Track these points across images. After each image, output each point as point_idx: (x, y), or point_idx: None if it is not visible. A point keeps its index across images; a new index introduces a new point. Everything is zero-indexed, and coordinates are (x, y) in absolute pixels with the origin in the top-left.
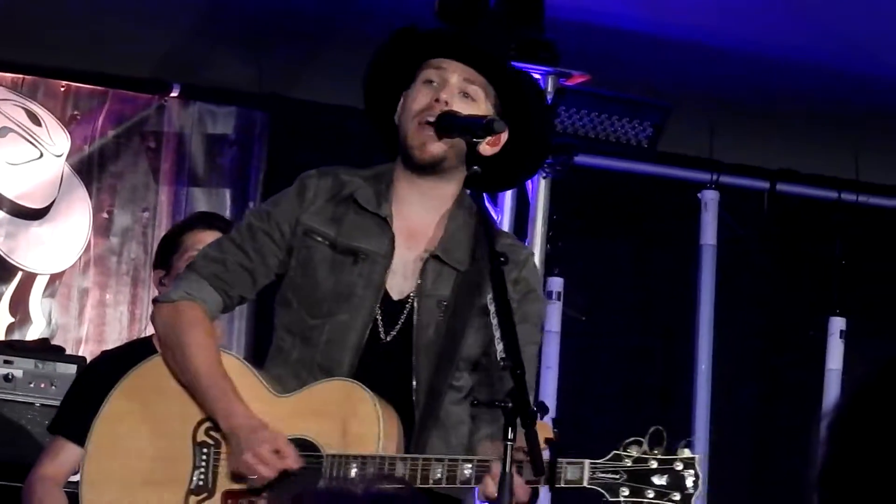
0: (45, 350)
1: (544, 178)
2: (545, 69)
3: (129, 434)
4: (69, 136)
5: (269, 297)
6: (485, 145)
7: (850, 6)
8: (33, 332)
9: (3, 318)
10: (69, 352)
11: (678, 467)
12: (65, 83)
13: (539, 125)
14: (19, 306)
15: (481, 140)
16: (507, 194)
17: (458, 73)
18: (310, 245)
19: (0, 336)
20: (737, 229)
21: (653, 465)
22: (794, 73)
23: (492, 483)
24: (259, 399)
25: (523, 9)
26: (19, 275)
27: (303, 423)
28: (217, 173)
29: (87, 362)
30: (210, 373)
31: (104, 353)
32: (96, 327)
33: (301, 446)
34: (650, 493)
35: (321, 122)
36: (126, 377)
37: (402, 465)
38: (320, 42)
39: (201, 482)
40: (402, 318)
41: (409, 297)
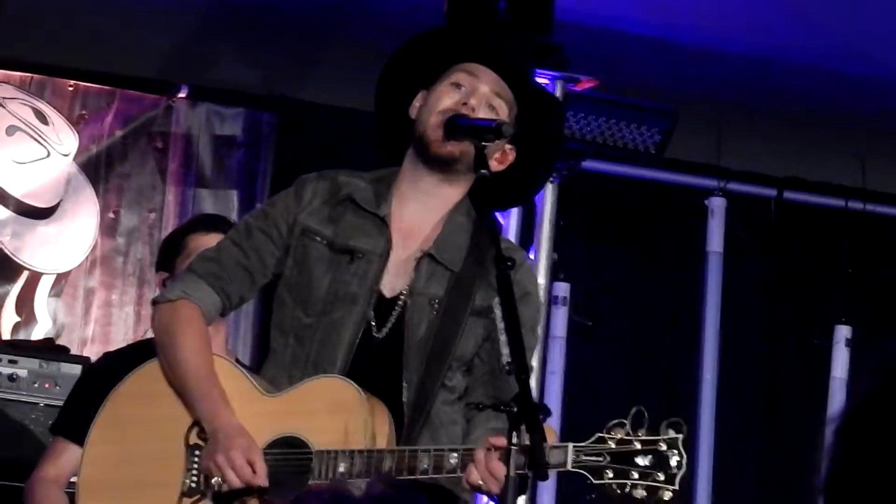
0: (50, 350)
1: (551, 182)
2: (553, 74)
3: (126, 438)
4: (77, 136)
5: (273, 299)
6: (493, 161)
7: (858, 13)
8: (39, 332)
9: (9, 318)
10: (74, 352)
11: (662, 448)
12: (73, 83)
13: (552, 148)
14: (25, 306)
15: (490, 144)
16: None
17: (489, 82)
18: (307, 244)
19: (6, 335)
20: (744, 236)
21: (636, 446)
22: (802, 79)
23: (475, 470)
24: (248, 400)
25: (532, 13)
26: (25, 274)
27: (291, 421)
28: (224, 174)
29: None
30: (198, 374)
31: (106, 355)
32: (102, 327)
33: (290, 443)
34: (634, 474)
35: (329, 124)
36: (124, 381)
37: (389, 457)
38: (328, 44)
39: (194, 484)
40: (394, 315)
41: (401, 294)
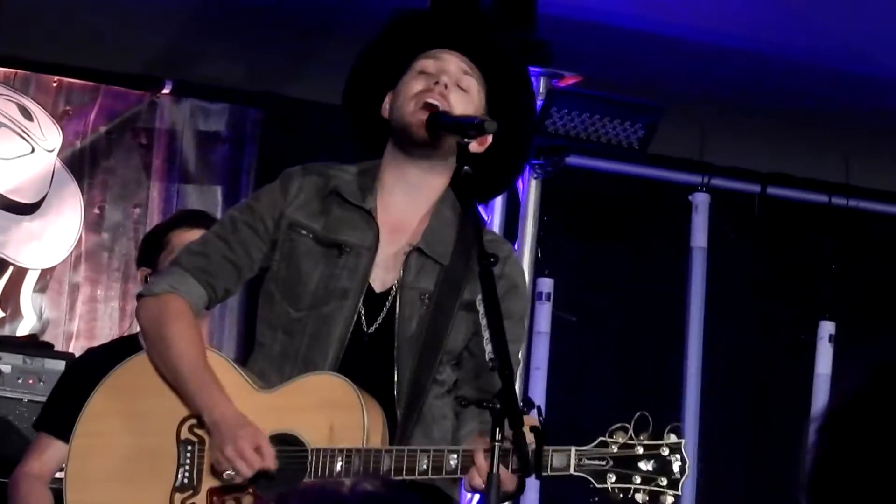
0: (34, 346)
1: (535, 178)
2: (537, 70)
3: (113, 432)
4: (61, 132)
5: (259, 293)
6: (473, 143)
7: (842, 9)
8: (24, 327)
9: None
10: (60, 347)
11: (664, 452)
12: (57, 78)
13: (527, 123)
14: (10, 301)
15: (472, 140)
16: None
17: (455, 62)
18: (294, 238)
19: None
20: (728, 232)
21: (639, 450)
22: (785, 75)
23: (477, 474)
24: (242, 395)
25: (516, 8)
26: (10, 269)
27: (287, 418)
28: (209, 170)
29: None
30: (193, 366)
31: (90, 350)
32: (87, 323)
33: (286, 441)
34: (637, 479)
35: (314, 120)
36: (110, 375)
37: (387, 457)
38: (313, 40)
39: (186, 479)
40: (385, 310)
41: (391, 289)
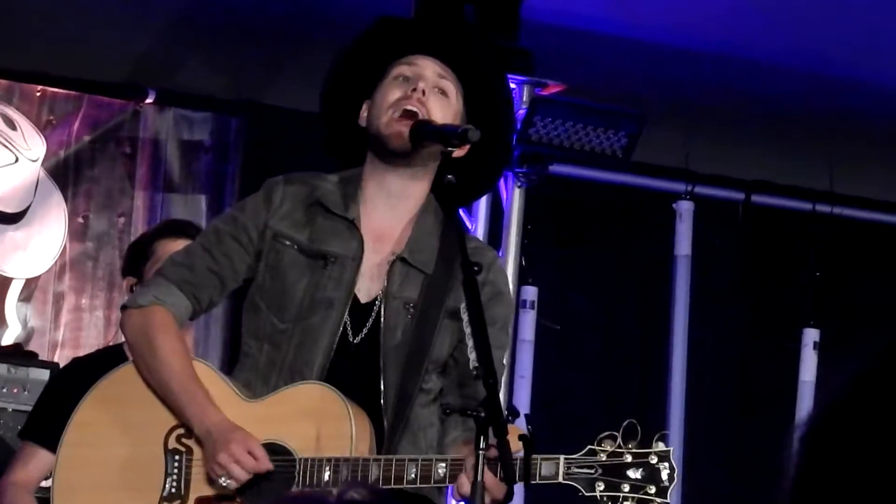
0: (18, 355)
1: (519, 187)
2: (521, 78)
3: (101, 442)
4: (44, 141)
5: (244, 304)
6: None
7: (826, 16)
8: (8, 337)
9: None
10: (45, 356)
11: (653, 461)
12: (40, 88)
13: (506, 125)
14: None
15: (455, 149)
16: (482, 203)
17: (430, 67)
18: (279, 249)
19: None
20: (712, 240)
21: (627, 458)
22: (769, 83)
23: (466, 482)
24: (230, 404)
25: (499, 17)
26: None
27: (275, 428)
28: (193, 179)
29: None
30: (182, 376)
31: (76, 360)
32: (72, 332)
33: (273, 451)
34: (626, 487)
35: (297, 129)
36: (96, 385)
37: (375, 466)
38: (296, 49)
39: (174, 489)
40: (370, 320)
41: (376, 299)
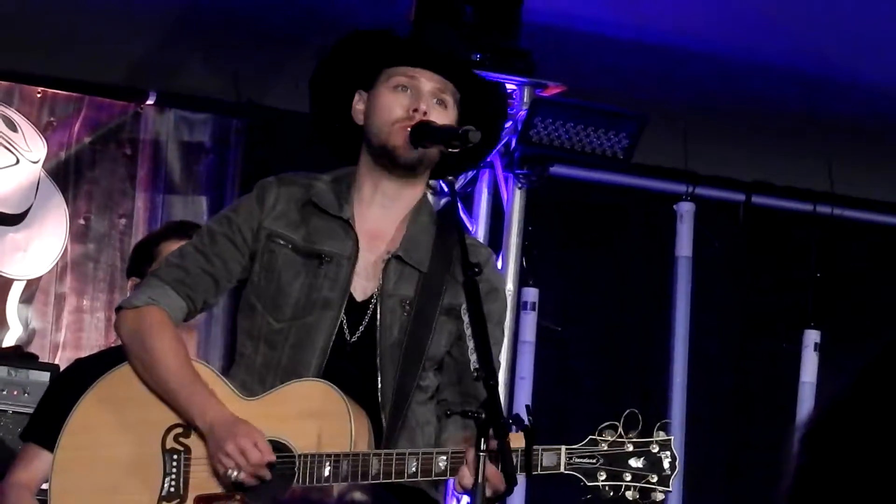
0: (19, 357)
1: (519, 188)
2: (521, 79)
3: (97, 444)
4: (45, 143)
5: (239, 304)
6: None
7: (826, 18)
8: (10, 338)
9: None
10: (46, 357)
11: (654, 449)
12: (41, 89)
13: (496, 129)
14: None
15: (456, 150)
16: (482, 204)
17: (429, 81)
18: (273, 249)
19: None
20: (712, 241)
21: (629, 448)
22: (770, 84)
23: (468, 474)
24: (230, 403)
25: (499, 18)
26: None
27: (274, 425)
28: (193, 181)
29: (61, 370)
30: (181, 374)
31: (78, 361)
32: (73, 333)
33: (274, 448)
34: (627, 476)
35: (297, 130)
36: (91, 388)
37: (376, 460)
38: (296, 50)
39: (173, 489)
40: (366, 319)
41: (372, 297)
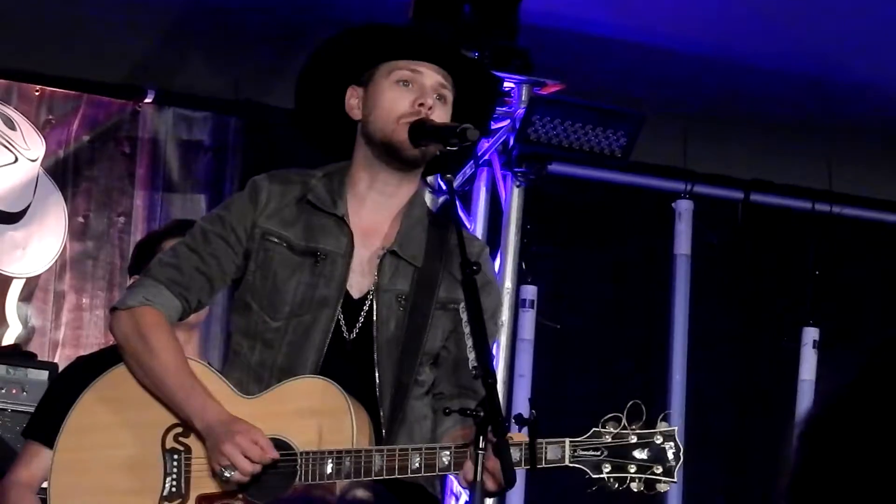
0: (17, 355)
1: (518, 186)
2: (519, 78)
3: (96, 445)
4: (44, 141)
5: (233, 303)
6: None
7: (824, 17)
8: (9, 336)
9: None
10: (46, 355)
11: (658, 440)
12: (39, 87)
13: (488, 118)
14: None
15: (454, 148)
16: (481, 203)
17: (432, 75)
18: (268, 248)
19: None
20: (711, 239)
21: (633, 439)
22: (768, 83)
23: (472, 468)
24: (229, 402)
25: (498, 17)
26: None
27: (274, 423)
28: (192, 179)
29: (61, 368)
30: (178, 375)
31: (79, 359)
32: (73, 331)
33: (275, 446)
34: (632, 468)
35: (296, 129)
36: (89, 387)
37: (378, 457)
38: (295, 49)
39: (174, 489)
40: (363, 315)
41: (368, 293)
